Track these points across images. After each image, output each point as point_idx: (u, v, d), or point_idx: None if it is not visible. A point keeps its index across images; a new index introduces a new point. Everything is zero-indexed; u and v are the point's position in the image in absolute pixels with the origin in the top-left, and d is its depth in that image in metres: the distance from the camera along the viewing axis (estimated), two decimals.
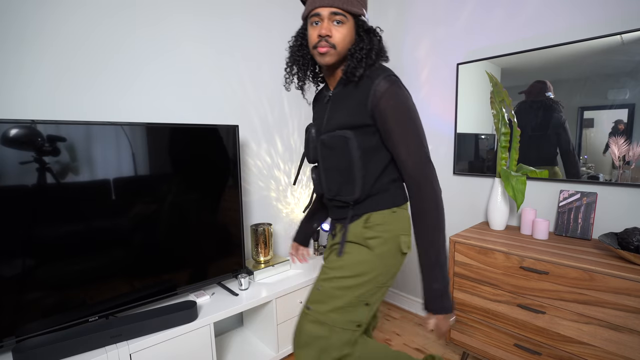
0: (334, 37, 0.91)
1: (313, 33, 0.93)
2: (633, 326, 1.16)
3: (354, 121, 0.93)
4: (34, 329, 1.23)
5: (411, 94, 2.22)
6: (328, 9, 0.89)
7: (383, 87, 0.89)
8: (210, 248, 1.69)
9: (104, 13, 1.46)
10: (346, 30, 0.91)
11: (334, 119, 0.97)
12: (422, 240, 0.89)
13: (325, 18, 0.90)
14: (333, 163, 0.98)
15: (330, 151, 0.97)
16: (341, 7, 0.88)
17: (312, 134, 1.04)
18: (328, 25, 0.90)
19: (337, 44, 0.91)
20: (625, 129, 1.43)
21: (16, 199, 1.17)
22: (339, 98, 0.98)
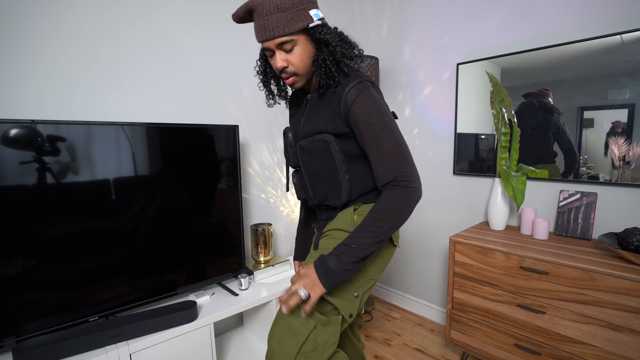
0: (292, 64, 0.87)
1: (273, 63, 0.90)
2: (633, 326, 1.16)
3: (331, 129, 0.90)
4: (34, 329, 1.23)
5: (412, 94, 2.23)
6: (272, 41, 0.84)
7: (353, 94, 0.85)
8: (210, 248, 1.69)
9: (104, 13, 1.46)
10: (300, 50, 0.86)
11: (310, 124, 0.94)
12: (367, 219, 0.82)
13: (275, 50, 0.86)
14: (315, 168, 0.95)
15: (311, 156, 0.95)
16: (284, 34, 0.82)
17: (289, 138, 1.02)
18: (280, 57, 0.86)
19: (297, 69, 0.88)
20: (625, 129, 1.43)
21: (16, 199, 1.17)
22: (316, 102, 0.95)
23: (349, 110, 0.86)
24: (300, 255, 1.26)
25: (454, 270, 1.64)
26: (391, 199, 0.81)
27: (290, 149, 1.03)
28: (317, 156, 0.93)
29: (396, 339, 2.04)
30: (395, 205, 0.81)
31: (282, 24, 0.81)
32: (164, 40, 1.63)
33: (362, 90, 0.85)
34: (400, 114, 2.31)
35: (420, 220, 2.28)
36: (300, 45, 0.86)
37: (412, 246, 2.34)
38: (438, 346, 1.96)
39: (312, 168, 0.96)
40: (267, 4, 0.81)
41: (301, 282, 0.82)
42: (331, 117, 0.89)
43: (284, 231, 2.25)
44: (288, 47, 0.85)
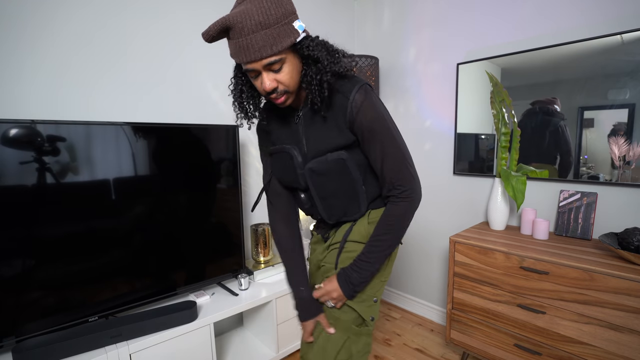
0: (282, 83, 0.78)
1: (257, 84, 0.80)
2: (633, 326, 1.16)
3: (343, 142, 0.85)
4: (34, 329, 1.23)
5: (412, 94, 2.23)
6: (259, 62, 0.74)
7: (357, 103, 0.81)
8: (210, 248, 1.69)
9: (104, 13, 1.46)
10: (289, 68, 0.78)
11: (317, 141, 0.87)
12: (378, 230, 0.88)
13: (262, 71, 0.76)
14: (332, 189, 0.90)
15: (326, 177, 0.88)
16: (272, 54, 0.73)
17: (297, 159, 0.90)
18: (269, 78, 0.77)
19: (288, 87, 0.80)
20: (625, 129, 1.43)
21: (16, 199, 1.17)
22: (312, 117, 0.87)
23: (354, 119, 0.83)
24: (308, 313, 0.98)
25: (454, 270, 1.64)
26: (398, 213, 0.86)
27: (300, 170, 0.91)
28: (333, 177, 0.88)
29: (396, 339, 2.04)
30: (402, 219, 0.87)
31: (268, 42, 0.72)
32: (164, 40, 1.63)
33: (365, 97, 0.82)
34: (400, 114, 2.31)
35: (420, 220, 2.28)
36: (289, 62, 0.78)
37: (412, 246, 2.34)
38: (438, 346, 1.96)
39: (329, 189, 0.90)
40: (248, 21, 0.70)
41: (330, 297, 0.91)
42: (338, 129, 0.84)
43: None
44: (277, 67, 0.76)
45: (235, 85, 0.86)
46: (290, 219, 1.03)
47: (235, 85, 0.86)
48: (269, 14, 0.71)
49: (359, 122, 0.83)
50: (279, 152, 0.94)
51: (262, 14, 0.70)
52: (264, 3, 0.71)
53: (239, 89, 0.85)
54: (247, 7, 0.71)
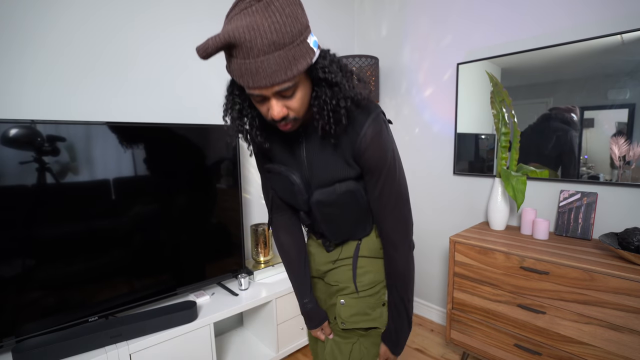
0: (292, 110, 0.68)
1: (261, 108, 0.70)
2: (633, 326, 1.16)
3: (352, 173, 0.80)
4: (34, 329, 1.23)
5: (412, 94, 2.23)
6: (269, 89, 0.63)
7: (368, 137, 0.74)
8: (210, 248, 1.69)
9: (103, 12, 1.46)
10: (302, 93, 0.68)
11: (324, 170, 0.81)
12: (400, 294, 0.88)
13: (272, 98, 0.65)
14: (339, 217, 0.86)
15: (335, 208, 0.84)
16: (286, 79, 0.61)
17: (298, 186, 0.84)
18: (278, 106, 0.66)
19: (298, 114, 0.70)
20: (625, 129, 1.43)
21: (16, 199, 1.17)
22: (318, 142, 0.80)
23: (361, 154, 0.76)
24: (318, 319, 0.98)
25: (454, 270, 1.64)
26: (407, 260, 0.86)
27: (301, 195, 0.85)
28: (341, 207, 0.84)
29: None
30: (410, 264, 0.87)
31: (283, 66, 0.60)
32: (163, 40, 1.63)
33: (376, 132, 0.74)
34: (400, 114, 2.31)
35: (420, 220, 2.28)
36: (301, 86, 0.67)
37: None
38: (438, 346, 1.96)
39: (336, 217, 0.86)
40: (259, 40, 0.57)
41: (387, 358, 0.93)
42: (345, 160, 0.79)
43: None
44: (289, 93, 0.65)
45: (231, 104, 0.73)
46: (293, 230, 0.98)
47: (233, 104, 0.73)
48: (284, 32, 0.58)
49: (365, 158, 0.76)
50: (277, 173, 0.86)
51: (276, 32, 0.57)
52: (277, 16, 0.57)
53: (238, 110, 0.73)
54: (256, 20, 0.57)
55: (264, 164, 0.90)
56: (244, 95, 0.73)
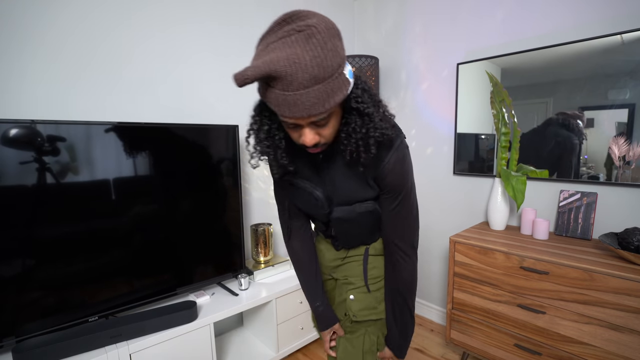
0: (323, 137, 0.70)
1: (292, 134, 0.71)
2: (633, 326, 1.16)
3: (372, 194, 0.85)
4: (34, 329, 1.23)
5: (412, 94, 2.23)
6: (306, 119, 0.64)
7: (391, 164, 0.78)
8: (210, 248, 1.69)
9: (102, 12, 1.46)
10: (334, 122, 0.70)
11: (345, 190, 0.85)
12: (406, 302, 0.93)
13: (306, 126, 0.67)
14: (357, 232, 0.93)
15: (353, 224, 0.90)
16: (323, 112, 0.62)
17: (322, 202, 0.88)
18: (311, 134, 0.68)
19: (328, 140, 0.73)
20: (625, 129, 1.43)
21: (16, 199, 1.17)
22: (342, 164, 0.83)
23: (383, 176, 0.80)
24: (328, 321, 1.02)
25: (454, 270, 1.64)
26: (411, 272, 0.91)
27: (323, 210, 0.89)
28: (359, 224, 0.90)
29: None
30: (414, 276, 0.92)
31: (321, 99, 0.60)
32: (163, 40, 1.63)
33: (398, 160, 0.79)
34: (400, 114, 2.31)
35: (420, 220, 2.27)
36: (334, 115, 0.69)
37: None
38: (438, 346, 1.96)
39: (352, 232, 0.93)
40: (300, 75, 0.57)
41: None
42: (366, 182, 0.83)
43: None
44: (323, 122, 0.67)
45: (259, 125, 0.73)
46: (305, 237, 1.01)
47: (261, 125, 0.73)
48: (325, 66, 0.58)
49: (387, 182, 0.81)
50: (301, 188, 0.88)
51: (317, 66, 0.57)
52: (318, 50, 0.57)
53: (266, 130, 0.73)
54: (297, 52, 0.56)
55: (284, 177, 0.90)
56: (274, 117, 0.73)
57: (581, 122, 1.58)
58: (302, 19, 0.60)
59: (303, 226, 1.01)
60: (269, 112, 0.73)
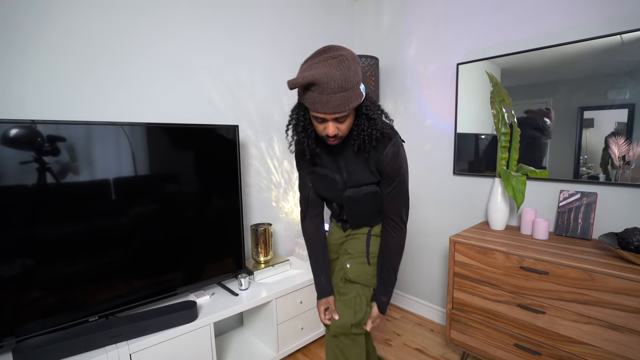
0: (341, 130, 0.99)
1: (318, 127, 1.00)
2: (633, 326, 1.16)
3: (374, 180, 1.12)
4: (34, 329, 1.23)
5: (412, 94, 2.23)
6: (331, 115, 0.93)
7: (389, 156, 1.06)
8: (210, 248, 1.69)
9: (104, 13, 1.46)
10: (349, 120, 1.00)
11: (355, 175, 1.12)
12: (392, 265, 1.18)
13: (330, 120, 0.96)
14: (363, 210, 1.18)
15: (360, 202, 1.15)
16: (344, 111, 0.92)
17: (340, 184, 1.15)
18: (333, 127, 0.97)
19: (344, 134, 1.01)
20: (625, 129, 1.43)
21: (16, 199, 1.17)
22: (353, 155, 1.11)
23: (383, 167, 1.08)
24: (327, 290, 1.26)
25: (454, 270, 1.64)
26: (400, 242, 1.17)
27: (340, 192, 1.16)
28: (365, 203, 1.15)
29: (396, 339, 2.04)
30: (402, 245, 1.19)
31: (344, 102, 0.90)
32: (163, 41, 1.63)
33: (394, 154, 1.07)
34: (400, 114, 2.31)
35: (420, 220, 2.28)
36: (350, 116, 0.99)
37: (412, 246, 2.34)
38: (438, 346, 1.96)
39: (360, 209, 1.18)
40: (333, 84, 0.87)
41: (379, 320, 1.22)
42: (370, 170, 1.11)
43: (284, 231, 2.25)
44: (342, 119, 0.97)
45: (297, 121, 1.04)
46: (320, 224, 1.28)
47: (297, 121, 1.04)
48: (348, 81, 0.88)
49: (385, 170, 1.09)
50: (323, 175, 1.16)
51: (344, 80, 0.88)
52: (345, 70, 0.88)
53: (302, 126, 1.03)
54: (331, 70, 0.87)
55: (309, 167, 1.20)
56: (307, 115, 1.02)
57: (548, 120, 1.60)
58: (336, 50, 0.91)
59: (317, 213, 1.27)
60: (303, 111, 1.02)
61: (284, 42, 2.12)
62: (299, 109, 1.03)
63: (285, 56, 2.13)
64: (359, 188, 1.13)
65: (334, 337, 1.20)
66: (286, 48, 2.13)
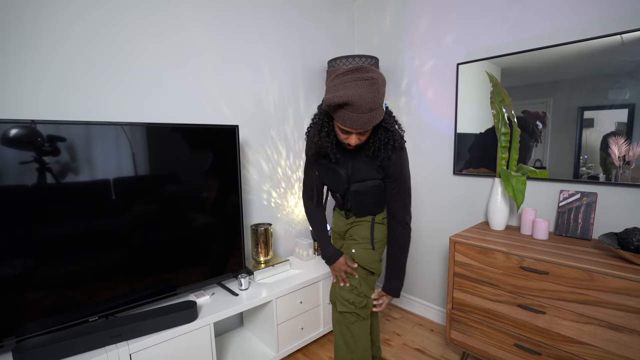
0: (361, 140, 1.13)
1: (341, 135, 1.13)
2: (633, 326, 1.16)
3: (379, 176, 1.26)
4: (34, 329, 1.23)
5: (412, 94, 2.23)
6: (357, 130, 1.07)
7: (393, 158, 1.20)
8: (210, 248, 1.69)
9: (103, 12, 1.46)
10: (369, 132, 1.14)
11: (361, 172, 1.26)
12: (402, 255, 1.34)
13: (354, 133, 1.10)
14: (367, 201, 1.32)
15: (365, 195, 1.29)
16: (369, 128, 1.07)
17: (343, 176, 1.27)
18: (356, 138, 1.11)
19: (362, 143, 1.16)
20: (625, 129, 1.43)
21: (16, 199, 1.17)
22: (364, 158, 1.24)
23: (388, 168, 1.23)
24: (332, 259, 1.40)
25: (454, 270, 1.64)
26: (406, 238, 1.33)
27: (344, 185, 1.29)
28: (370, 195, 1.30)
29: (396, 339, 2.04)
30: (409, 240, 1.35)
31: (371, 120, 1.04)
32: (163, 42, 1.63)
33: (399, 157, 1.21)
34: (400, 114, 2.31)
35: (420, 220, 2.28)
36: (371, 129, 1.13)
37: (412, 246, 2.34)
38: (438, 346, 1.96)
39: (364, 201, 1.31)
40: (364, 105, 1.00)
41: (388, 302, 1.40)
42: (376, 169, 1.25)
43: (284, 231, 2.25)
44: (365, 133, 1.12)
45: (321, 127, 1.17)
46: (322, 206, 1.47)
47: (322, 126, 1.17)
48: (377, 102, 1.02)
49: (389, 170, 1.24)
50: (331, 169, 1.29)
51: (373, 102, 1.01)
52: (375, 93, 1.00)
53: (326, 131, 1.17)
54: (364, 91, 0.99)
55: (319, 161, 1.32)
56: (331, 123, 1.17)
57: (541, 124, 1.62)
58: (368, 71, 1.01)
59: (320, 197, 1.44)
60: (328, 119, 1.16)
61: (285, 41, 2.12)
62: (325, 115, 1.16)
63: (286, 56, 2.13)
64: (364, 182, 1.27)
65: (341, 314, 1.34)
66: (287, 47, 2.13)
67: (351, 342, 1.34)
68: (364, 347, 1.35)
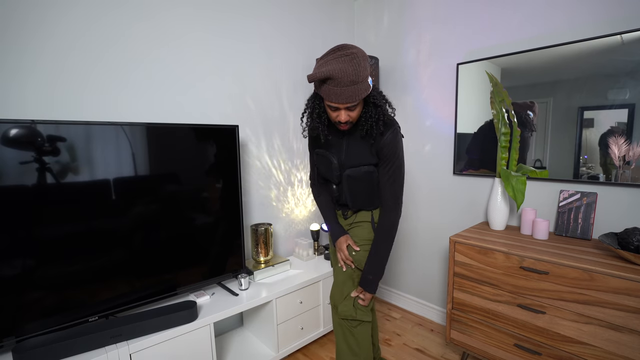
0: (351, 117, 1.15)
1: (332, 114, 1.15)
2: (633, 326, 1.16)
3: (373, 161, 1.24)
4: (34, 329, 1.23)
5: (412, 94, 2.23)
6: (344, 104, 1.09)
7: (387, 140, 1.19)
8: (210, 248, 1.69)
9: (102, 11, 1.46)
10: (359, 108, 1.15)
11: (355, 157, 1.25)
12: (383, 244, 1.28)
13: (342, 109, 1.11)
14: (360, 189, 1.29)
15: (357, 181, 1.27)
16: (354, 101, 1.08)
17: (334, 164, 1.28)
18: (345, 114, 1.13)
19: (354, 120, 1.17)
20: (625, 129, 1.43)
21: (16, 199, 1.17)
22: (358, 141, 1.24)
23: (381, 150, 1.21)
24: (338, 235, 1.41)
25: (454, 270, 1.64)
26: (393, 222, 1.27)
27: (335, 172, 1.29)
28: (362, 181, 1.27)
29: (396, 339, 2.04)
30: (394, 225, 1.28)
31: (355, 94, 1.06)
32: (164, 41, 1.63)
33: (393, 139, 1.20)
34: (401, 114, 2.31)
35: (420, 220, 2.28)
36: (359, 105, 1.14)
37: (412, 246, 2.34)
38: (438, 346, 1.96)
39: (357, 188, 1.29)
40: (346, 78, 1.03)
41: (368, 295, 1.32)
42: (370, 152, 1.23)
43: (284, 231, 2.25)
44: (353, 108, 1.12)
45: (312, 109, 1.21)
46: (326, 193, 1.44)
47: (313, 108, 1.20)
48: (359, 75, 1.04)
49: (383, 152, 1.21)
50: (323, 156, 1.31)
51: (355, 75, 1.03)
52: (356, 66, 1.03)
53: (317, 113, 1.19)
54: (345, 66, 1.02)
55: (315, 148, 1.36)
56: (321, 104, 1.19)
57: (531, 113, 1.61)
58: (348, 48, 1.05)
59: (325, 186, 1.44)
60: (319, 101, 1.19)
61: (284, 41, 2.12)
62: (315, 98, 1.19)
63: (286, 55, 2.13)
64: (358, 168, 1.26)
65: (344, 320, 1.34)
66: (286, 47, 2.13)
67: (355, 346, 1.33)
68: (367, 350, 1.35)
